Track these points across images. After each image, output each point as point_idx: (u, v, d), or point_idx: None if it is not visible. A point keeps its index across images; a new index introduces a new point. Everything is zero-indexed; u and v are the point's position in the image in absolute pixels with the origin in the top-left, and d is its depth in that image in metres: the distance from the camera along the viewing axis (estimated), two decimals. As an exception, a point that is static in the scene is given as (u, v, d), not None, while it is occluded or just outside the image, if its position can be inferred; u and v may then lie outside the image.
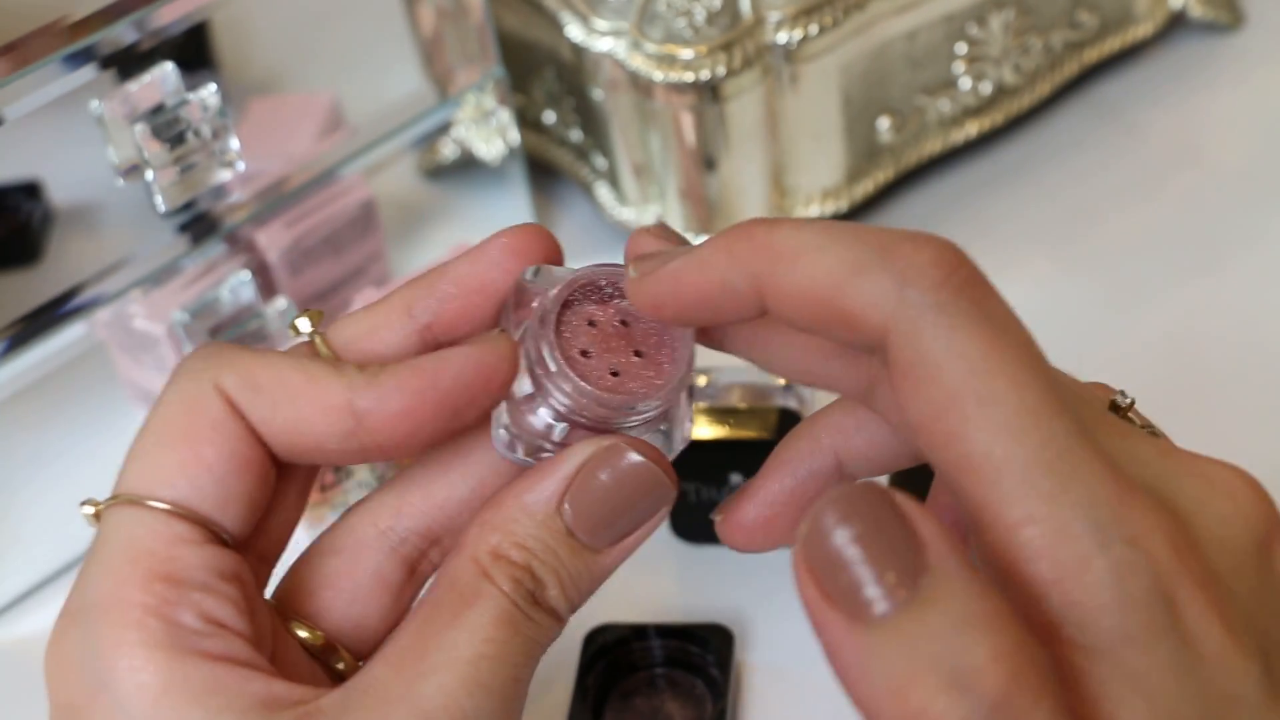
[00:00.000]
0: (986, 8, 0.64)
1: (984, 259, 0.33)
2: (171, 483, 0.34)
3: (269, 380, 0.35)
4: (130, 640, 0.32)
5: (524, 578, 0.34)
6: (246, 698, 0.32)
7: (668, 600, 0.52)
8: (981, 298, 0.31)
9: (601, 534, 0.35)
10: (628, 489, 0.35)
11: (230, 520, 0.35)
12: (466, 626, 0.34)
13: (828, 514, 0.28)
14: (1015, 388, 0.30)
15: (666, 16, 0.58)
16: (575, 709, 0.48)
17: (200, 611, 0.33)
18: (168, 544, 0.33)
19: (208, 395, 0.34)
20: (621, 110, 0.61)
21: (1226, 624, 0.29)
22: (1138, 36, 0.69)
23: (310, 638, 0.36)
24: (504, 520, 0.35)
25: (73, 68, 0.49)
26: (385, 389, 0.34)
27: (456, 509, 0.37)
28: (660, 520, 0.36)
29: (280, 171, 0.57)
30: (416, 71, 0.60)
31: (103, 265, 0.53)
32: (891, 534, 0.28)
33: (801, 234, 0.32)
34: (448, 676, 0.33)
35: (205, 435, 0.34)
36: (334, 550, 0.37)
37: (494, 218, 0.65)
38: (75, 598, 0.34)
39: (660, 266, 0.34)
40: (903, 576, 0.28)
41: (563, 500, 0.35)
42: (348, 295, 0.61)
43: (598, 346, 0.36)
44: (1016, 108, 0.67)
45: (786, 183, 0.62)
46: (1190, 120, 0.69)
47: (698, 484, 0.52)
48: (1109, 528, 0.29)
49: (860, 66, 0.62)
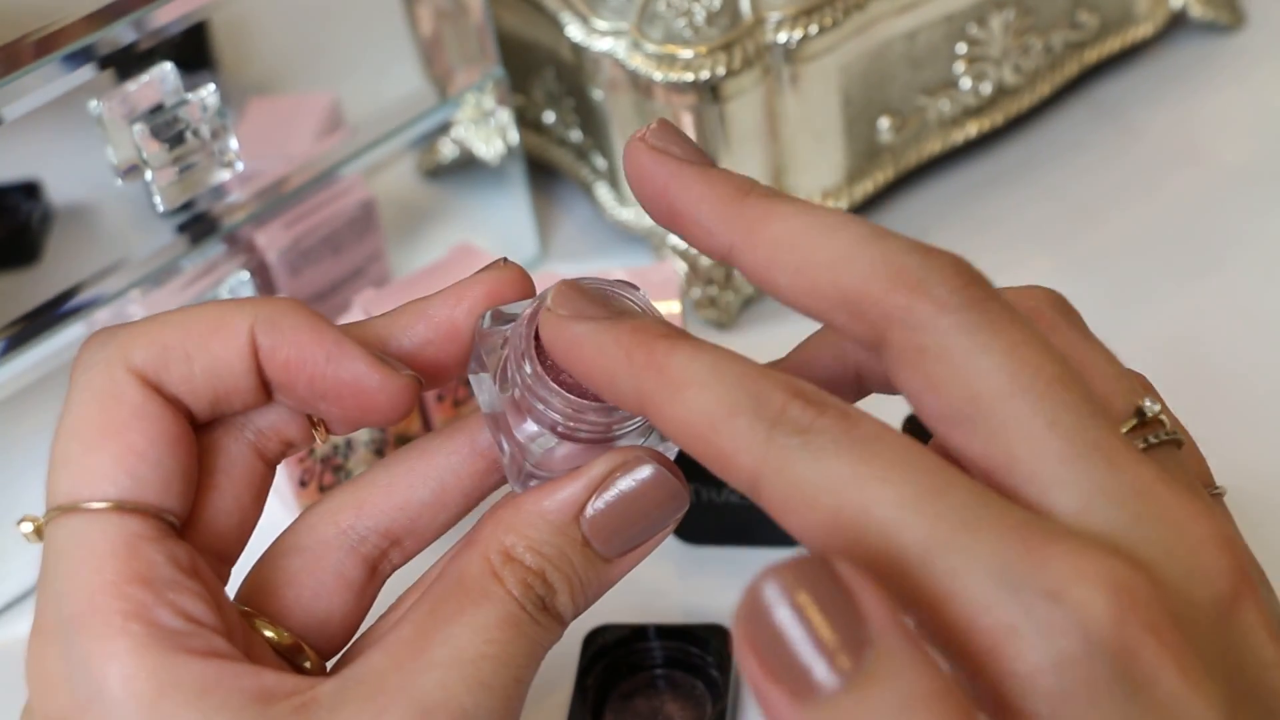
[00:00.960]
0: (987, 8, 0.64)
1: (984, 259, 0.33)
2: (112, 480, 0.34)
3: (175, 336, 0.35)
4: (118, 648, 0.32)
5: (535, 582, 0.34)
6: (241, 693, 0.32)
7: (668, 600, 0.52)
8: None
9: (616, 543, 0.35)
10: (646, 500, 0.35)
11: (174, 501, 0.34)
12: (471, 625, 0.34)
13: (768, 586, 0.27)
14: (893, 484, 0.29)
15: (666, 16, 0.58)
16: (575, 709, 0.48)
17: (177, 609, 0.33)
18: (128, 544, 0.33)
19: (120, 381, 0.34)
20: (621, 110, 0.61)
21: (1182, 668, 0.28)
22: (1138, 36, 0.69)
23: (277, 638, 0.36)
24: (521, 523, 0.35)
25: (72, 68, 0.49)
26: (284, 334, 0.35)
27: (417, 511, 0.37)
28: (670, 531, 0.36)
29: (280, 171, 0.57)
30: (416, 71, 0.60)
31: (102, 265, 0.53)
32: (834, 607, 0.27)
33: (694, 364, 0.31)
34: (449, 673, 0.33)
35: (130, 424, 0.34)
36: (295, 549, 0.37)
37: (494, 218, 0.65)
38: (46, 614, 0.34)
39: (569, 323, 0.33)
40: (845, 652, 0.27)
41: (582, 509, 0.35)
42: (347, 295, 0.61)
43: None
44: (1016, 108, 0.67)
45: (787, 183, 0.62)
46: (1190, 120, 0.69)
47: (697, 484, 0.52)
48: (1024, 588, 0.28)
49: (860, 66, 0.61)
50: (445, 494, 0.37)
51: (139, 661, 0.32)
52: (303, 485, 0.54)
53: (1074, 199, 0.66)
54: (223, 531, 0.36)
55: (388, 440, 0.55)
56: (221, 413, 0.36)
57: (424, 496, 0.37)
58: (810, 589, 0.27)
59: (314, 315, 0.35)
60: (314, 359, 0.35)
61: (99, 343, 0.35)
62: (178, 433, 0.35)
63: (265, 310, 0.35)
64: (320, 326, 0.35)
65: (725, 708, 0.47)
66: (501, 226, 0.65)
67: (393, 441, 0.56)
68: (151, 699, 0.32)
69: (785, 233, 0.32)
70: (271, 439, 0.37)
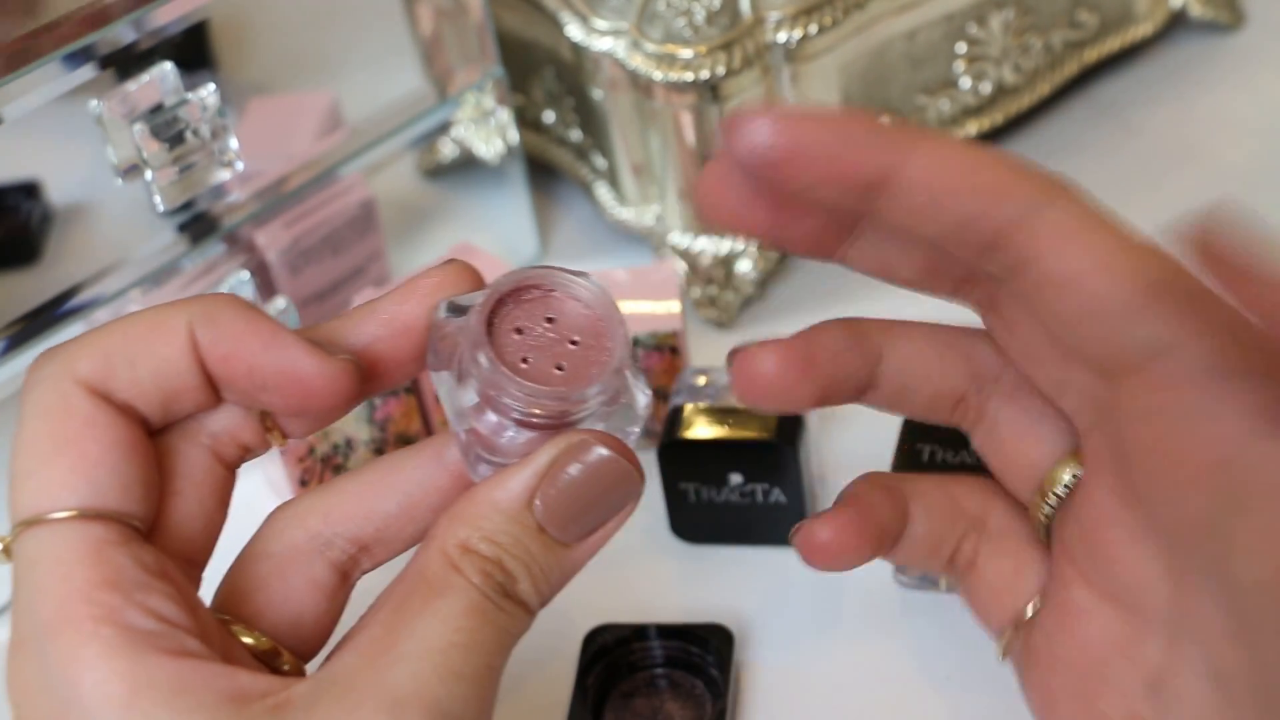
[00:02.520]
0: (986, 7, 0.64)
1: (984, 259, 0.33)
2: (72, 488, 0.34)
3: (117, 343, 0.35)
4: (89, 654, 0.32)
5: (494, 570, 0.35)
6: (215, 693, 0.32)
7: (668, 600, 0.52)
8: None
9: (572, 528, 0.35)
10: (597, 483, 0.35)
11: (135, 506, 0.34)
12: (437, 616, 0.34)
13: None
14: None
15: (666, 16, 0.58)
16: (575, 709, 0.48)
17: (148, 610, 0.33)
18: (94, 550, 0.33)
19: (69, 394, 0.34)
20: (621, 110, 0.61)
21: None
22: (1138, 36, 0.69)
23: (255, 642, 0.36)
24: (473, 515, 0.35)
25: (72, 67, 0.49)
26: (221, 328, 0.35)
27: (383, 521, 0.38)
28: (629, 513, 0.36)
29: (280, 171, 0.57)
30: (416, 71, 0.60)
31: (102, 265, 0.53)
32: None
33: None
34: (419, 664, 0.33)
35: (83, 434, 0.34)
36: (265, 555, 0.37)
37: (494, 217, 0.65)
38: (20, 627, 0.34)
39: (799, 114, 0.34)
40: None
41: (533, 496, 0.35)
42: (347, 295, 0.61)
43: (534, 351, 0.36)
44: (1016, 107, 0.67)
45: (786, 182, 0.62)
46: (1190, 120, 0.69)
47: (697, 484, 0.52)
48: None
49: (860, 66, 0.61)
50: (413, 507, 0.38)
51: (111, 665, 0.32)
52: (303, 484, 0.54)
53: (1074, 199, 0.66)
54: (189, 536, 0.36)
55: (388, 440, 0.55)
56: (174, 415, 0.36)
57: (390, 508, 0.37)
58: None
59: (250, 308, 0.36)
60: (250, 350, 0.35)
61: (44, 360, 0.35)
62: (132, 439, 0.35)
63: (202, 307, 0.36)
64: (255, 318, 0.36)
65: (725, 707, 0.47)
66: (501, 226, 0.65)
67: (392, 442, 0.56)
68: (126, 701, 0.32)
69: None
70: (227, 443, 0.37)
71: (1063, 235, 0.35)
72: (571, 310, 0.37)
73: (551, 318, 0.37)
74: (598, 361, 0.36)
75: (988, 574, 0.40)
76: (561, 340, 0.36)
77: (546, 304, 0.37)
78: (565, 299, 0.37)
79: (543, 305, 0.37)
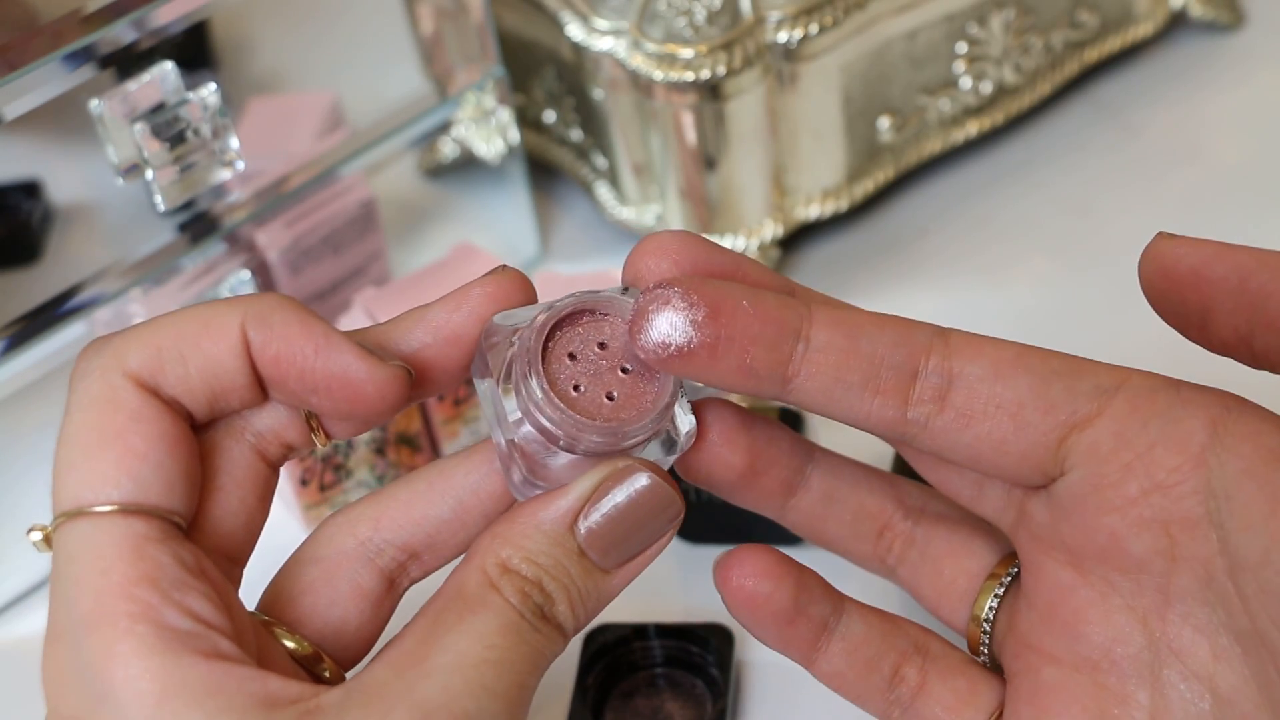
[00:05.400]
0: (987, 7, 0.64)
1: (983, 258, 0.33)
2: (115, 482, 0.34)
3: (168, 339, 0.35)
4: (124, 650, 0.32)
5: (533, 591, 0.35)
6: (245, 697, 0.32)
7: (668, 600, 0.52)
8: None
9: (613, 554, 0.36)
10: (640, 509, 0.36)
11: (178, 502, 0.35)
12: (471, 632, 0.34)
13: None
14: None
15: (667, 16, 0.58)
16: (575, 709, 0.48)
17: (185, 610, 0.33)
18: (134, 546, 0.33)
19: (118, 387, 0.34)
20: (622, 110, 0.61)
21: None
22: (1138, 36, 0.69)
23: (297, 647, 0.36)
24: (516, 535, 0.35)
25: (72, 67, 0.49)
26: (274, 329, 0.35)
27: (435, 527, 0.38)
28: (667, 542, 0.37)
29: (280, 171, 0.57)
30: (416, 71, 0.60)
31: (102, 265, 0.53)
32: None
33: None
34: (451, 678, 0.33)
35: (130, 428, 0.34)
36: (313, 559, 0.37)
37: (494, 217, 0.65)
38: (57, 619, 0.34)
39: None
40: None
41: (577, 520, 0.36)
42: (347, 295, 0.61)
43: (586, 379, 0.36)
44: (1017, 107, 0.67)
45: (787, 182, 0.62)
46: (1190, 120, 0.69)
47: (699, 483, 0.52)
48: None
49: (861, 66, 0.61)
50: (464, 513, 0.38)
51: (144, 663, 0.32)
52: (304, 484, 0.54)
53: (1074, 199, 0.66)
54: (230, 533, 0.36)
55: (388, 440, 0.55)
56: (220, 412, 0.36)
57: (442, 513, 0.38)
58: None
59: (303, 310, 0.36)
60: (303, 352, 0.35)
61: (94, 350, 0.35)
62: (177, 434, 0.35)
63: (255, 307, 0.35)
64: (309, 321, 0.35)
65: (725, 707, 0.48)
66: (502, 226, 0.65)
67: (393, 441, 0.56)
68: (157, 700, 0.32)
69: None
70: (272, 442, 0.37)
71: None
72: (624, 334, 0.36)
73: (604, 343, 0.36)
74: (648, 392, 0.36)
75: (943, 694, 0.40)
76: (613, 368, 0.36)
77: (599, 328, 0.37)
78: (619, 323, 0.37)
79: (595, 329, 0.37)
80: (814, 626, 0.39)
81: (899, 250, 0.65)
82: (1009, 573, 0.39)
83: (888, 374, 0.35)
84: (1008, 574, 0.39)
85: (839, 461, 0.41)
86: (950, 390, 0.35)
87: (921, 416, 0.35)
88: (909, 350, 0.35)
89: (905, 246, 0.65)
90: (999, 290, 0.61)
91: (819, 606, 0.39)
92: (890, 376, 0.35)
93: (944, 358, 0.35)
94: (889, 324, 0.35)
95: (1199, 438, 0.34)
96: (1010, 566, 0.39)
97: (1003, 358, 0.35)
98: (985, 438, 0.35)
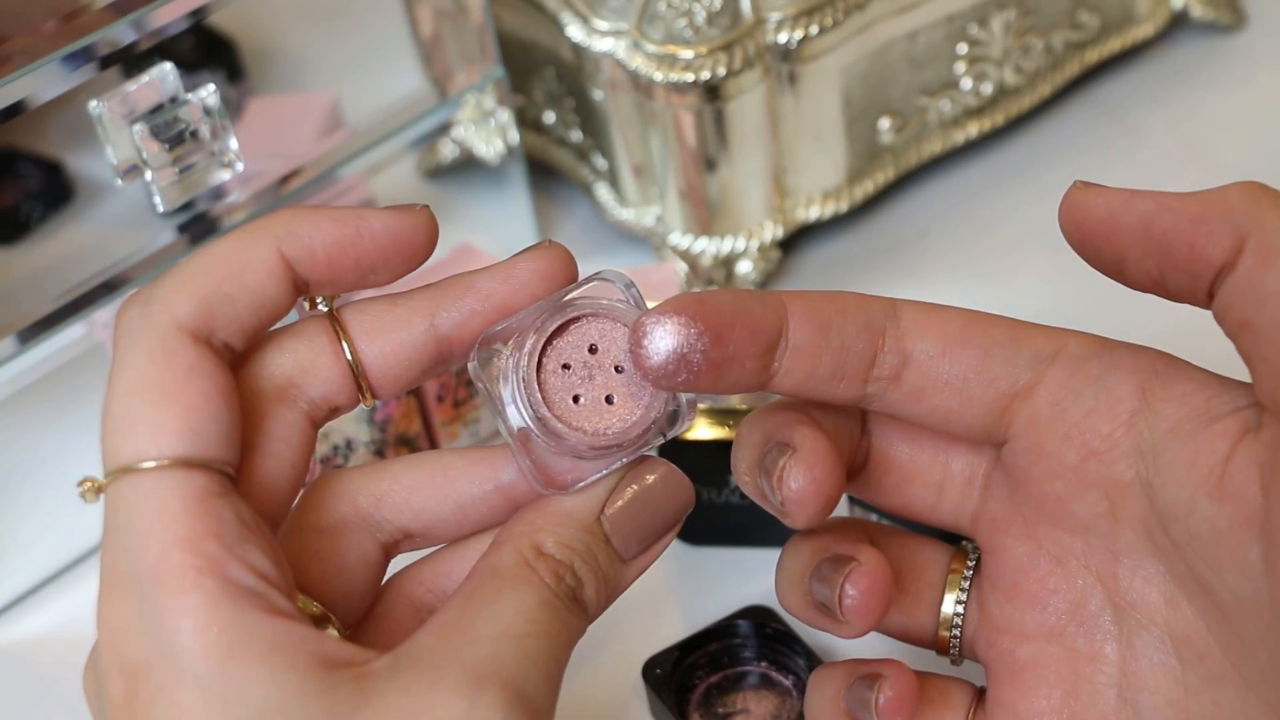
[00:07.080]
0: (988, 8, 0.64)
1: (984, 259, 0.33)
2: (178, 435, 0.34)
3: (212, 284, 0.35)
4: (191, 604, 0.32)
5: (565, 574, 0.36)
6: (306, 656, 0.33)
7: (668, 600, 0.52)
8: None
9: (633, 542, 0.38)
10: (660, 495, 0.38)
11: (233, 454, 0.35)
12: (512, 605, 0.35)
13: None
14: None
15: (667, 17, 0.58)
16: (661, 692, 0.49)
17: (248, 565, 0.33)
18: (198, 500, 0.33)
19: (173, 339, 0.34)
20: (622, 110, 0.61)
21: None
22: (1139, 37, 0.69)
23: (306, 609, 0.37)
24: (549, 522, 0.37)
25: (72, 68, 0.49)
26: (311, 238, 0.36)
27: (433, 521, 0.39)
28: (677, 530, 0.39)
29: (280, 171, 0.57)
30: (416, 71, 0.60)
31: (102, 265, 0.53)
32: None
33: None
34: (498, 646, 0.34)
35: (187, 381, 0.34)
36: (316, 528, 0.38)
37: (494, 218, 0.65)
38: (116, 570, 0.34)
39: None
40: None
41: (602, 509, 0.37)
42: (347, 295, 0.60)
43: (584, 387, 0.37)
44: (1017, 108, 0.67)
45: (787, 183, 0.62)
46: (1191, 120, 0.69)
47: (698, 485, 0.52)
48: None
49: (861, 67, 0.61)
50: (464, 518, 0.39)
51: (212, 617, 0.32)
52: (303, 485, 0.54)
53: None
54: (276, 494, 0.37)
55: (388, 440, 0.55)
56: (259, 337, 0.37)
57: (443, 513, 0.39)
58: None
59: (316, 208, 0.37)
60: (350, 240, 0.36)
61: (139, 302, 0.35)
62: (229, 387, 0.35)
63: (281, 227, 0.36)
64: (332, 213, 0.36)
65: None
66: (502, 226, 0.65)
67: (392, 443, 0.56)
68: (223, 654, 0.32)
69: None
70: (321, 406, 0.38)
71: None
72: (611, 332, 0.37)
73: (594, 346, 0.37)
74: (646, 386, 0.37)
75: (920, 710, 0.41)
76: (606, 369, 0.37)
77: (585, 331, 0.37)
78: (606, 322, 0.37)
79: (581, 333, 0.37)
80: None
81: (899, 251, 0.65)
82: (968, 565, 0.41)
83: (853, 361, 0.37)
84: (967, 567, 0.41)
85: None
86: (904, 369, 0.37)
87: (878, 391, 0.37)
88: (869, 336, 0.37)
89: (906, 248, 0.65)
90: (1000, 291, 0.61)
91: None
92: (854, 363, 0.37)
93: (897, 338, 0.37)
94: (850, 308, 0.37)
95: (1129, 404, 0.37)
96: (967, 560, 0.41)
97: (949, 332, 0.37)
98: (935, 410, 0.38)
